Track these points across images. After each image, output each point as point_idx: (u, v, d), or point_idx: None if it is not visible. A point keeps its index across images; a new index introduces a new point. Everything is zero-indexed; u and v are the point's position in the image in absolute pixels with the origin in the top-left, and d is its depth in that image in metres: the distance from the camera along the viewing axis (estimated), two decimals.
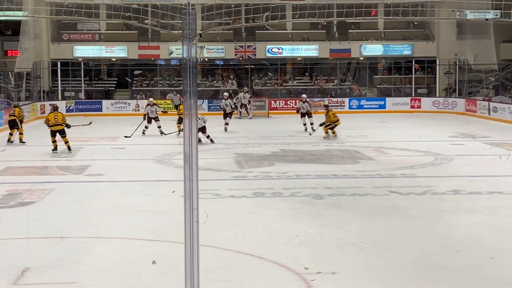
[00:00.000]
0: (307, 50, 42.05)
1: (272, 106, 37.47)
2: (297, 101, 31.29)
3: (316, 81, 42.14)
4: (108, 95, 40.63)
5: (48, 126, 20.95)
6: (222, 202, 13.33)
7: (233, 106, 29.15)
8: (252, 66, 42.11)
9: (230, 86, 40.94)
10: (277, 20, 6.32)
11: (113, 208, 12.83)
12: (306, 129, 27.26)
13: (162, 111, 28.22)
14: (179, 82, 40.09)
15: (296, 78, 42.97)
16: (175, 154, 19.85)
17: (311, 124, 27.00)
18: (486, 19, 6.26)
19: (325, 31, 42.86)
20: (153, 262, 8.84)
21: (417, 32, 43.24)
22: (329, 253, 9.70)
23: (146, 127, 26.32)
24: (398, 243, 10.25)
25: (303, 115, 28.02)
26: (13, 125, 23.58)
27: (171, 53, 40.61)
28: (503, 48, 39.50)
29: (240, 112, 34.26)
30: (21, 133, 23.63)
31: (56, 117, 21.03)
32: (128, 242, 10.44)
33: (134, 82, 41.64)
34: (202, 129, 23.23)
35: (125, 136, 24.57)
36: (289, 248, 9.92)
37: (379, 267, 9.04)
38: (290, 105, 37.82)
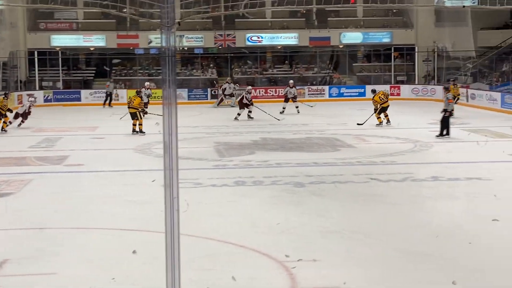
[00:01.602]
0: (287, 39, 42.02)
1: (252, 95, 37.33)
2: (285, 87, 32.06)
3: (296, 69, 42.14)
4: (86, 84, 40.38)
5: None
6: (203, 191, 13.32)
7: (296, 94, 30.26)
8: (232, 55, 42.02)
9: (210, 75, 40.87)
10: (256, 8, 6.29)
11: (93, 198, 12.77)
12: (282, 112, 29.22)
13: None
14: (158, 71, 39.89)
15: (276, 66, 42.92)
16: (155, 143, 19.77)
17: (297, 107, 29.84)
18: (464, 6, 6.27)
19: (304, 19, 42.84)
20: (134, 252, 8.82)
21: (396, 20, 43.33)
22: (310, 240, 9.71)
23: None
24: (379, 230, 10.29)
25: (288, 99, 30.06)
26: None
27: (150, 42, 40.40)
28: (481, 35, 39.66)
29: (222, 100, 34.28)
30: (4, 122, 23.71)
31: (133, 100, 23.17)
32: (109, 232, 10.40)
33: (113, 71, 41.41)
34: (24, 115, 23.56)
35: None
36: (271, 236, 9.93)
37: (360, 254, 9.07)
38: (270, 93, 37.85)
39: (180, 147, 5.36)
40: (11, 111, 25.41)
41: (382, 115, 24.57)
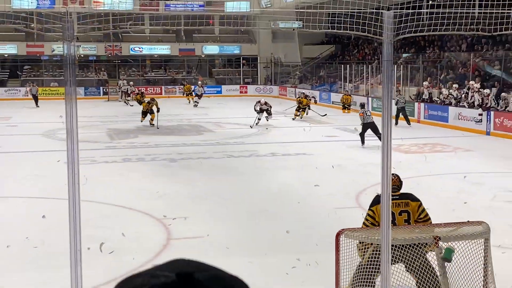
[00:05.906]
0: (162, 49, 41.41)
1: (136, 92, 36.51)
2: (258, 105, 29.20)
3: (169, 73, 41.68)
4: (1, 84, 37.96)
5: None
6: (97, 167, 12.92)
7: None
8: (119, 61, 40.96)
9: (102, 76, 39.66)
10: (138, 26, 6.14)
11: (6, 174, 12.05)
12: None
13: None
14: (61, 73, 38.15)
15: (153, 70, 42.25)
16: (58, 130, 18.91)
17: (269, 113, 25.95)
18: (293, 29, 6.42)
19: (175, 34, 42.34)
20: (43, 216, 8.42)
21: (243, 37, 43.69)
22: (182, 204, 9.68)
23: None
24: (233, 195, 10.39)
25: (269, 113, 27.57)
26: None
27: (53, 50, 38.51)
28: (304, 49, 40.79)
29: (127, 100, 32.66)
30: None
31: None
32: (21, 200, 9.90)
33: (24, 73, 39.18)
34: None
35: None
36: (152, 201, 9.81)
37: (219, 213, 9.15)
38: (149, 91, 37.21)
39: (79, 132, 5.16)
40: None
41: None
